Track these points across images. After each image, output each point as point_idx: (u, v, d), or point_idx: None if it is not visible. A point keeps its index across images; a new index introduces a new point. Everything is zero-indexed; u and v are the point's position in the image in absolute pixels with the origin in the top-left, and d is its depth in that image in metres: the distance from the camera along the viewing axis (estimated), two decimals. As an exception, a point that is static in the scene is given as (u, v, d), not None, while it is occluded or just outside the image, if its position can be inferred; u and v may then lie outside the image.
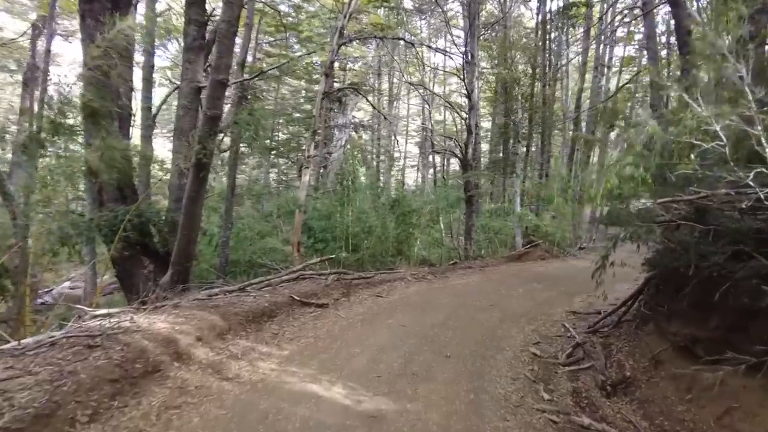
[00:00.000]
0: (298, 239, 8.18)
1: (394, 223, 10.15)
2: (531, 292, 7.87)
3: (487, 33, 14.90)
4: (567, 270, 10.50)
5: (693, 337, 3.24)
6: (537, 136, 14.82)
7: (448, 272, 9.09)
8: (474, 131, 11.19)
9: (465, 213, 11.71)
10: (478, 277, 8.88)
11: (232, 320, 4.88)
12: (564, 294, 8.02)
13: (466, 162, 11.16)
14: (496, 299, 7.08)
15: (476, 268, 9.81)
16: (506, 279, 8.91)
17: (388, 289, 7.18)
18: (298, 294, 6.11)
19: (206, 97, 5.52)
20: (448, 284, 8.02)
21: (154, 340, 3.84)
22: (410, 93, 26.61)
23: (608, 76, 16.18)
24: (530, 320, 6.17)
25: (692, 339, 3.24)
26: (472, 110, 11.19)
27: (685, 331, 3.38)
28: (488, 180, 15.02)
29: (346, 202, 9.04)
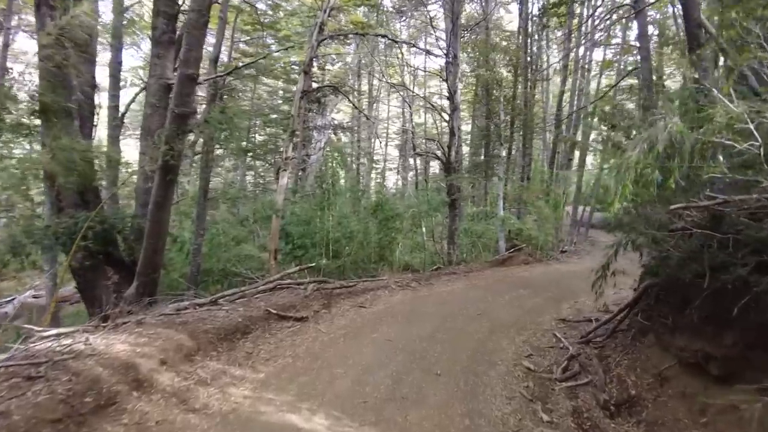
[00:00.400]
0: (275, 246, 7.74)
1: (377, 227, 9.81)
2: (518, 299, 7.65)
3: (467, 36, 14.77)
4: (552, 275, 10.38)
5: (705, 354, 3.00)
6: (518, 138, 14.74)
7: (432, 279, 8.80)
8: (457, 133, 10.97)
9: (448, 217, 11.46)
10: (463, 284, 8.61)
11: (202, 339, 4.43)
12: (551, 300, 7.85)
13: (449, 165, 10.91)
14: (484, 307, 6.82)
15: (461, 274, 9.56)
16: (492, 285, 8.68)
17: (371, 299, 6.82)
18: (274, 306, 5.69)
19: (174, 94, 5.06)
20: (434, 292, 7.72)
21: (111, 366, 3.39)
22: (390, 95, 26.38)
23: (588, 79, 16.32)
24: (520, 330, 5.93)
25: (705, 356, 3.00)
26: (455, 111, 10.97)
27: (695, 347, 3.14)
28: (470, 183, 14.85)
29: (326, 206, 8.66)
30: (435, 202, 11.00)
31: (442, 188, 14.05)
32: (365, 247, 9.43)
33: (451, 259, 11.18)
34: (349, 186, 11.57)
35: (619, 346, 4.83)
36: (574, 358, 4.84)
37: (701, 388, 3.08)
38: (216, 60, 7.78)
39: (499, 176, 12.59)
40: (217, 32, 7.53)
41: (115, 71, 9.85)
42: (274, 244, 7.73)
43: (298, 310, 5.84)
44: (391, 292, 7.36)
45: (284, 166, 7.85)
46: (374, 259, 9.45)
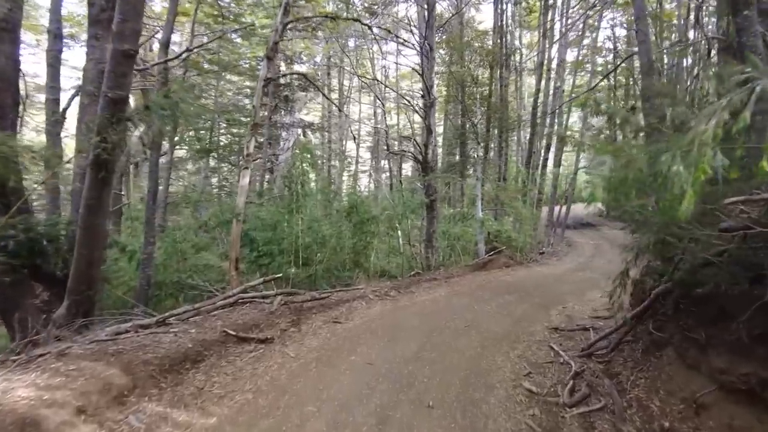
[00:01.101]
0: (237, 254, 6.90)
1: (351, 231, 9.10)
2: (505, 307, 7.12)
3: (439, 35, 14.34)
4: (534, 278, 9.96)
5: (762, 380, 2.46)
6: (495, 137, 14.40)
7: (412, 286, 8.17)
8: (434, 131, 10.41)
9: (425, 219, 10.88)
10: (445, 291, 8.02)
11: (140, 372, 3.60)
12: (539, 307, 7.36)
13: (426, 164, 10.34)
14: (471, 318, 6.23)
15: (441, 280, 8.97)
16: (475, 291, 8.13)
17: (347, 312, 6.10)
18: (234, 326, 4.89)
19: (106, 74, 4.20)
20: (415, 301, 7.08)
21: (1, 424, 2.53)
22: (362, 94, 25.72)
23: (563, 77, 16.21)
24: (513, 343, 5.36)
25: (761, 382, 2.47)
26: (431, 108, 10.42)
27: (742, 370, 2.62)
28: (444, 183, 14.34)
29: (295, 209, 7.87)
30: (412, 203, 10.39)
31: (417, 190, 13.52)
32: (339, 252, 8.70)
33: (430, 264, 10.60)
34: (320, 187, 10.80)
35: (629, 360, 4.31)
36: (579, 375, 4.30)
37: (754, 420, 2.54)
38: (167, 45, 6.90)
39: (477, 176, 12.13)
40: (168, 13, 6.65)
41: (53, 60, 8.74)
42: (234, 252, 6.88)
43: (261, 329, 5.06)
44: (368, 303, 6.66)
45: (246, 163, 7.03)
46: (349, 266, 8.73)
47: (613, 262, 13.21)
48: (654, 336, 4.09)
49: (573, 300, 8.06)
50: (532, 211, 13.26)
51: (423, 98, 11.11)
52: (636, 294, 5.99)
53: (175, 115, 4.22)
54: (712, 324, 3.03)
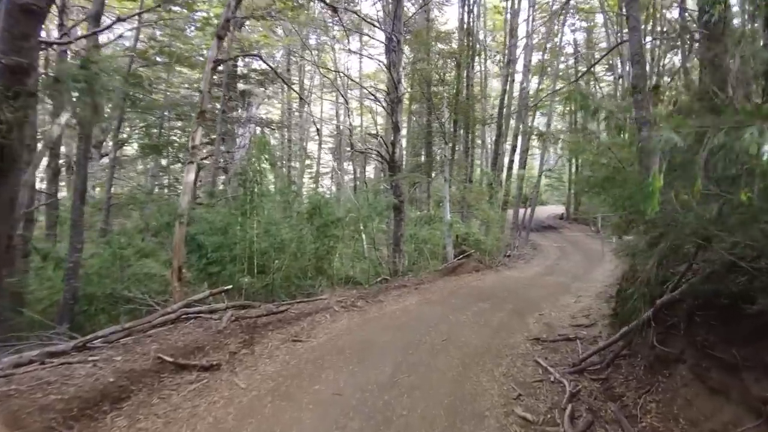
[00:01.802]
0: (180, 262, 5.99)
1: (313, 235, 8.35)
2: (481, 316, 6.64)
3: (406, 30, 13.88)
4: (506, 283, 9.60)
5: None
6: (462, 137, 14.09)
7: (380, 294, 7.54)
8: (401, 128, 9.87)
9: (393, 222, 10.31)
10: (416, 299, 7.45)
11: (34, 423, 2.74)
12: (515, 314, 6.95)
13: (393, 163, 9.77)
14: (447, 330, 5.68)
15: (411, 287, 8.41)
16: (447, 299, 7.62)
17: (308, 327, 5.38)
18: (172, 350, 4.06)
19: (0, 35, 3.28)
20: (385, 312, 6.45)
21: None
22: (324, 92, 24.87)
23: (529, 79, 16.19)
24: (496, 358, 4.85)
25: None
26: (398, 104, 9.87)
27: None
28: (410, 184, 13.86)
29: (250, 210, 7.04)
30: (379, 205, 9.77)
31: (383, 191, 12.94)
32: (299, 259, 7.94)
33: (397, 269, 10.03)
34: (280, 187, 9.96)
35: (630, 379, 3.87)
36: (576, 397, 3.82)
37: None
38: (98, 18, 5.92)
39: (445, 177, 11.71)
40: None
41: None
42: (177, 260, 5.97)
43: (206, 352, 4.25)
44: (333, 315, 5.96)
45: (190, 157, 6.14)
46: (311, 274, 7.98)
47: (579, 266, 13.25)
48: (658, 351, 3.67)
49: (548, 306, 7.73)
50: (500, 214, 13.02)
51: (389, 95, 10.56)
52: (621, 302, 5.68)
53: (94, 91, 3.36)
54: (746, 343, 2.59)
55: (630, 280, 5.85)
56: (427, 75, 12.28)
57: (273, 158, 13.17)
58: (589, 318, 6.87)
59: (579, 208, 27.21)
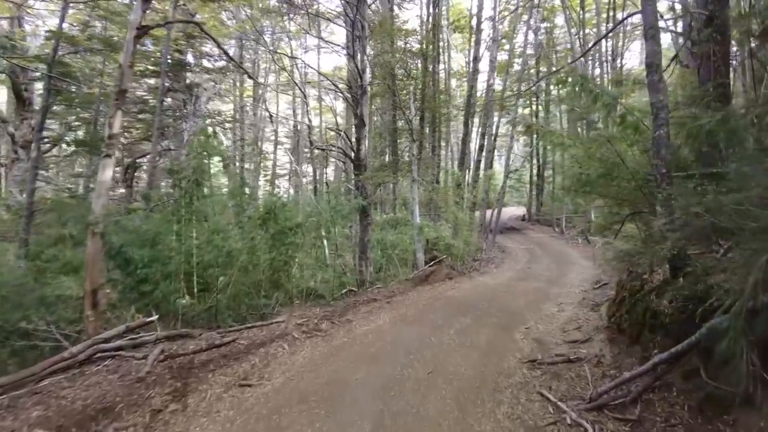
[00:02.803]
0: (94, 284, 4.71)
1: (268, 244, 7.21)
2: (465, 334, 5.81)
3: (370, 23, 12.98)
4: (482, 292, 8.86)
5: None
6: (428, 136, 13.36)
7: (348, 312, 6.54)
8: (367, 123, 8.93)
9: (359, 226, 9.33)
10: (389, 316, 6.51)
11: None
12: (500, 330, 6.19)
13: (359, 162, 8.80)
14: (431, 357, 4.79)
15: (382, 300, 7.47)
16: (424, 315, 6.74)
17: (261, 364, 4.29)
18: (61, 419, 2.87)
19: None
20: (355, 335, 5.46)
21: None
22: (280, 89, 23.45)
23: (494, 76, 15.71)
24: (494, 393, 4.01)
25: None
26: (363, 96, 8.91)
27: None
28: (375, 185, 12.93)
29: (188, 216, 5.84)
30: (344, 208, 8.74)
31: (345, 192, 11.94)
32: (251, 272, 6.78)
33: (365, 279, 9.05)
34: (231, 190, 8.71)
35: (676, 424, 3.09)
36: (607, 450, 3.00)
37: None
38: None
39: (413, 177, 10.87)
40: None
41: None
42: (90, 280, 4.69)
43: (118, 416, 3.09)
44: (292, 344, 4.90)
45: (106, 149, 4.87)
46: (264, 290, 6.84)
47: (551, 269, 12.81)
48: (711, 388, 2.91)
49: (532, 317, 7.03)
50: (469, 216, 12.37)
51: (351, 88, 9.59)
52: (627, 315, 5.01)
53: None
54: None
55: (631, 289, 5.24)
56: (392, 68, 11.42)
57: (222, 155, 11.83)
58: (582, 331, 6.19)
59: (541, 209, 27.42)
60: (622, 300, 5.26)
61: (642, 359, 4.08)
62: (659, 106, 3.91)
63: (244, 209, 8.54)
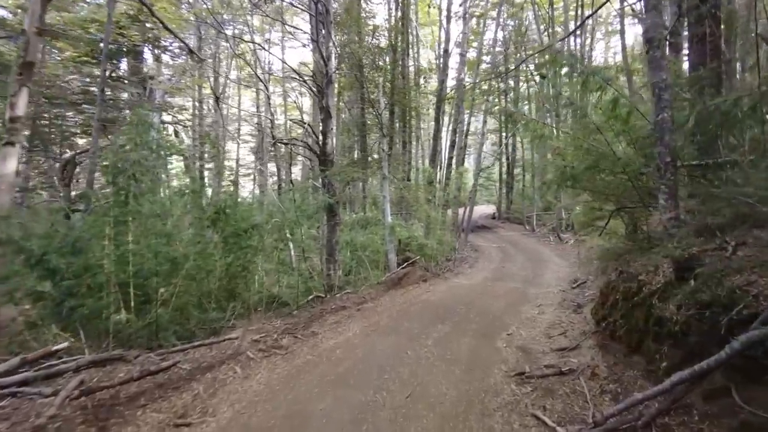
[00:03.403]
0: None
1: (222, 248, 6.42)
2: (444, 345, 5.26)
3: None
4: (458, 294, 8.36)
5: None
6: (398, 132, 12.79)
7: (313, 322, 5.86)
8: (333, 115, 8.26)
9: (326, 227, 8.63)
10: (360, 326, 5.86)
11: None
12: (481, 337, 5.70)
13: (325, 156, 8.11)
14: (408, 375, 4.19)
15: (352, 307, 6.82)
16: (399, 323, 6.14)
17: (206, 395, 3.56)
18: None
19: None
20: (321, 352, 4.78)
21: None
22: (242, 84, 22.28)
23: (464, 70, 15.34)
24: (483, 418, 3.50)
25: None
26: (328, 86, 8.23)
27: None
28: (344, 183, 12.24)
29: (122, 217, 4.99)
30: (309, 207, 8.01)
31: (311, 191, 11.21)
32: (202, 281, 5.97)
33: (333, 283, 8.37)
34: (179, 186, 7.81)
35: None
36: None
37: None
38: None
39: (383, 174, 10.26)
40: None
41: None
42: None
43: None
44: (246, 366, 4.18)
45: (9, 134, 3.98)
46: (219, 300, 6.05)
47: (525, 268, 12.50)
48: (745, 415, 2.44)
49: (513, 321, 6.57)
50: (442, 214, 11.89)
51: (315, 78, 8.88)
52: (622, 321, 4.57)
53: None
54: None
55: (626, 292, 4.81)
56: (360, 58, 10.77)
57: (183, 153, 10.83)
58: (568, 337, 5.76)
59: (511, 207, 27.43)
60: (615, 303, 4.84)
61: (647, 372, 3.63)
62: (662, 86, 3.45)
63: (204, 210, 7.66)
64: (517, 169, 28.18)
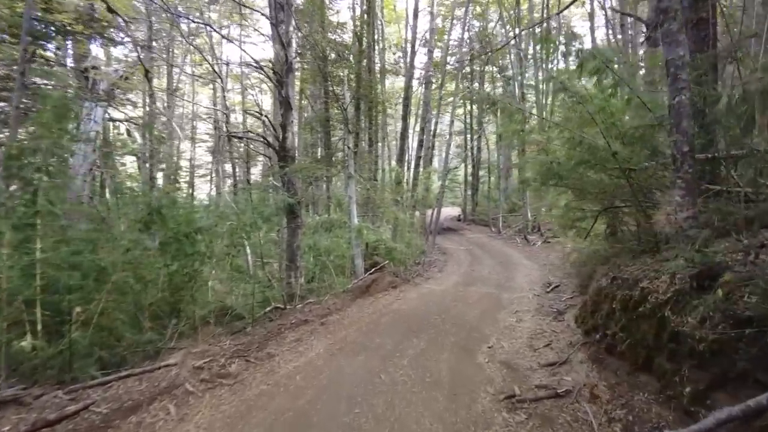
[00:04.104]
0: None
1: (163, 256, 5.50)
2: (421, 364, 4.65)
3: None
4: (430, 301, 7.79)
5: None
6: (365, 129, 12.12)
7: (270, 341, 5.07)
8: (293, 106, 7.49)
9: (286, 229, 7.82)
10: (324, 344, 5.13)
11: None
12: (461, 352, 5.14)
13: (285, 152, 7.31)
14: (384, 409, 3.55)
15: (315, 321, 6.06)
16: (370, 338, 5.46)
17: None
18: None
19: None
20: (277, 378, 4.02)
21: None
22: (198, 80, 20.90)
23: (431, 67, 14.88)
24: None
25: None
26: (288, 74, 7.45)
27: None
28: (305, 182, 11.40)
29: (28, 220, 4.03)
30: (267, 208, 7.17)
31: (271, 190, 10.32)
32: (139, 294, 5.05)
33: (294, 292, 7.57)
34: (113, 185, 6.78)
35: None
36: None
37: None
38: None
39: (349, 173, 9.55)
40: None
41: None
42: None
43: None
44: (183, 403, 3.36)
45: None
46: (159, 316, 5.14)
47: (496, 271, 12.12)
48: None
49: (491, 331, 6.06)
50: (410, 216, 11.33)
51: (274, 68, 8.06)
52: (640, 336, 4.07)
53: None
54: None
55: (625, 300, 4.32)
56: (323, 49, 10.02)
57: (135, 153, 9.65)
58: (554, 349, 5.27)
59: (476, 208, 27.35)
60: (611, 313, 4.37)
61: (664, 398, 3.13)
62: (678, 64, 2.98)
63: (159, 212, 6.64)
64: (481, 171, 28.20)
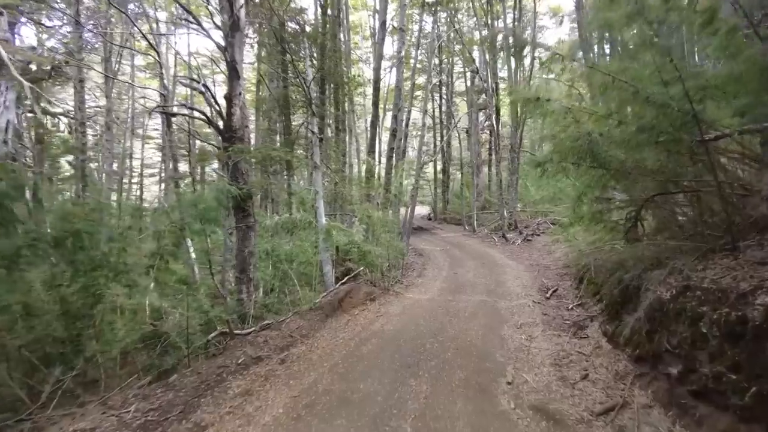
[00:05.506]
0: None
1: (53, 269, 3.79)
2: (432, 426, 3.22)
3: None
4: (419, 316, 6.36)
5: None
6: (331, 115, 10.56)
7: (202, 396, 3.44)
8: (242, 74, 5.87)
9: (235, 231, 6.15)
10: (285, 398, 3.58)
11: None
12: (478, 394, 3.81)
13: (231, 132, 5.68)
14: None
15: (273, 357, 4.49)
16: (350, 382, 3.96)
17: None
18: None
19: None
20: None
21: None
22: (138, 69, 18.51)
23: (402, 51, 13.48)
24: None
25: None
26: (235, 34, 5.83)
27: None
28: (262, 173, 9.69)
29: None
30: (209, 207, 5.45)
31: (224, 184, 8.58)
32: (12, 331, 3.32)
33: (247, 312, 5.94)
34: None
35: None
36: None
37: None
38: None
39: (315, 163, 7.96)
40: None
41: None
42: None
43: None
44: None
45: None
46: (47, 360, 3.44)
47: (482, 274, 10.85)
48: None
49: (503, 356, 4.76)
50: (388, 214, 9.91)
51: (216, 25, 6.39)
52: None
53: None
54: None
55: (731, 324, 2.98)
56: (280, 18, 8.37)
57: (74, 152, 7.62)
58: (594, 382, 3.99)
59: (448, 207, 26.30)
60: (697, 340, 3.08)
61: None
62: None
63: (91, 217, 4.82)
64: (452, 168, 27.20)
